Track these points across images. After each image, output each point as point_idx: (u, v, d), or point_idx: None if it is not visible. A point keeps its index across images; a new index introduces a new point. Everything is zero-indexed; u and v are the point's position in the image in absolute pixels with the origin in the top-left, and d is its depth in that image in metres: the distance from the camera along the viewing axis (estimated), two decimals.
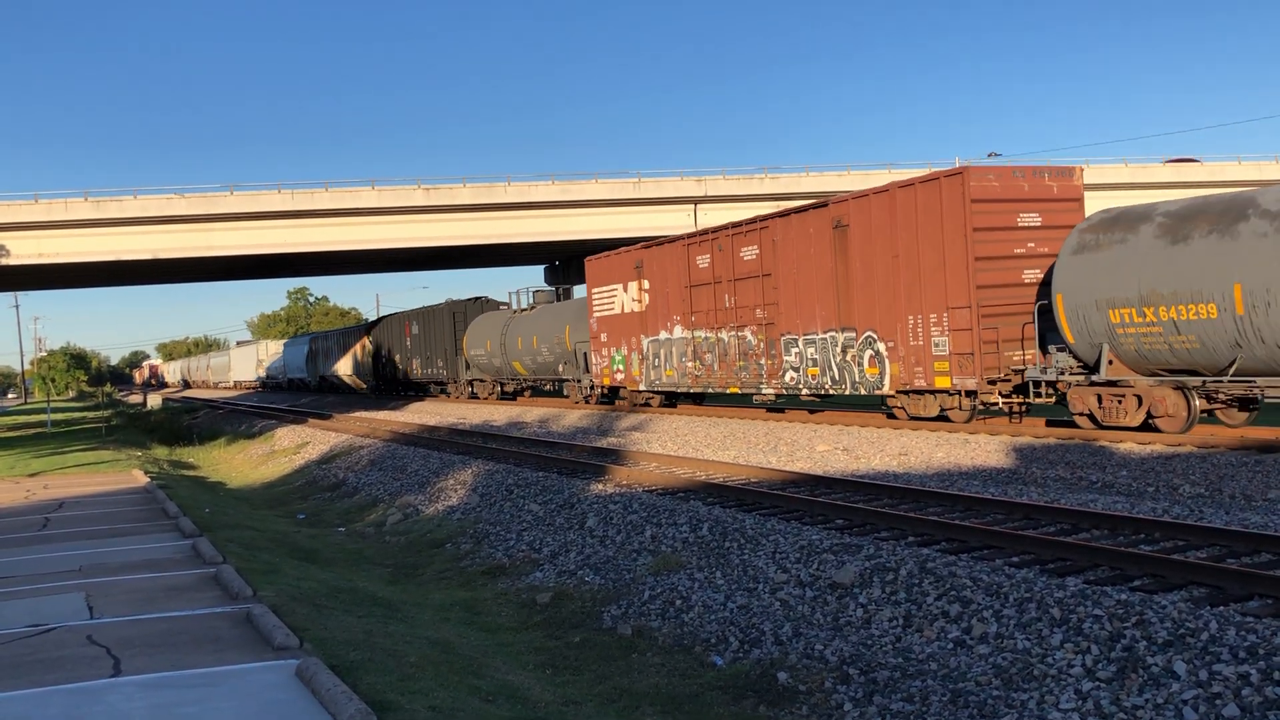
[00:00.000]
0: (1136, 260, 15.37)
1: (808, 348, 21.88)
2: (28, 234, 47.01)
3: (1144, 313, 15.29)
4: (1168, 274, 14.92)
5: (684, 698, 7.87)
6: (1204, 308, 14.55)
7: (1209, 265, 14.43)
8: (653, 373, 27.85)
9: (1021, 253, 18.41)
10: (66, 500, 17.79)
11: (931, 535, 10.54)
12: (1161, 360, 15.55)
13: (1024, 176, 18.68)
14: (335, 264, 65.18)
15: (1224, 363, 14.72)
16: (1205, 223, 14.72)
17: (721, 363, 24.71)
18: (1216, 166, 55.63)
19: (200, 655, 7.55)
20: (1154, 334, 15.35)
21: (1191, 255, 14.65)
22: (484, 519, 15.28)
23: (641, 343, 28.26)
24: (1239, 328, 14.23)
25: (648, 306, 27.80)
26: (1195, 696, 6.29)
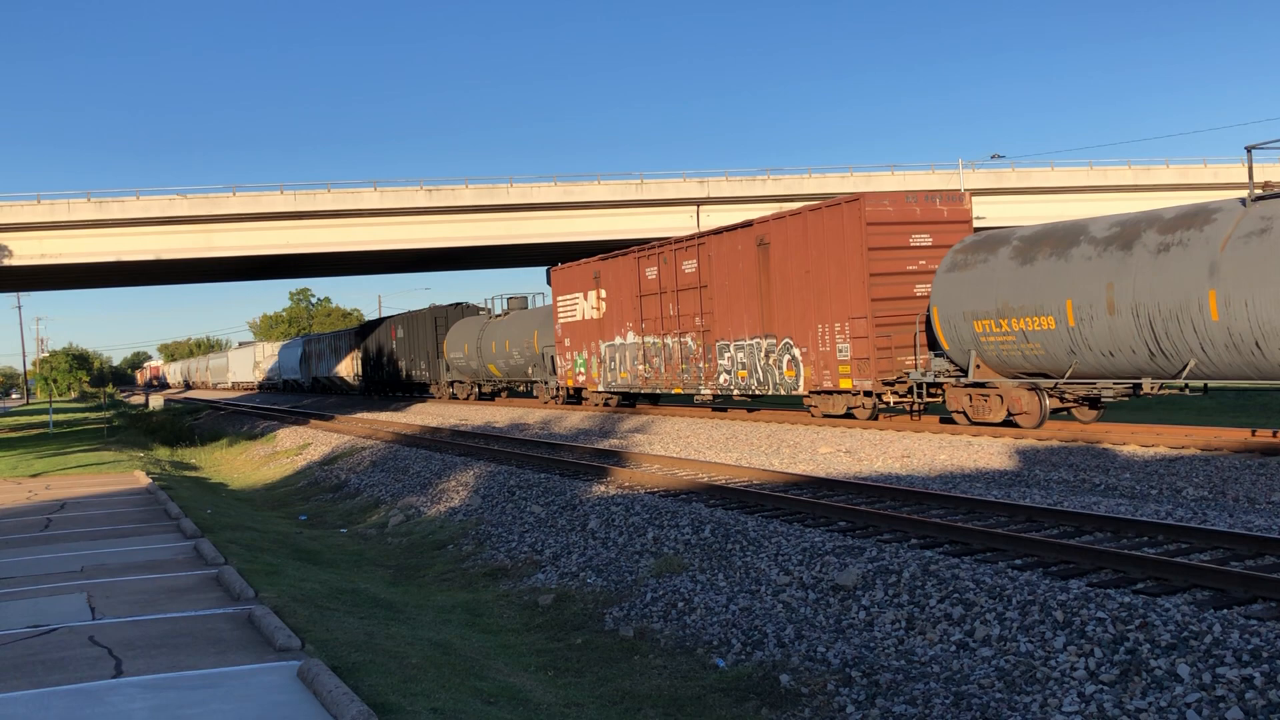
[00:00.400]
0: (995, 278, 17.58)
1: (738, 353, 24.16)
2: (30, 234, 47.07)
3: (1001, 324, 17.48)
4: (1019, 291, 17.13)
5: (686, 700, 7.85)
6: (1045, 320, 16.74)
7: (1049, 284, 16.60)
8: (609, 375, 29.97)
9: (913, 269, 20.50)
10: (68, 501, 17.79)
11: (934, 538, 10.53)
12: (1017, 365, 17.71)
13: (916, 201, 20.76)
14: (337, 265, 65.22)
15: (1064, 367, 16.86)
16: (1048, 247, 16.93)
17: (667, 366, 26.99)
18: (1221, 169, 55.57)
19: (202, 656, 7.55)
20: (1009, 342, 17.49)
21: (1036, 275, 16.87)
22: (486, 520, 15.27)
23: (600, 347, 30.33)
24: (1072, 337, 16.39)
25: (605, 314, 29.88)
26: (1199, 700, 6.28)
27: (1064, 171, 55.98)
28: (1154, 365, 15.64)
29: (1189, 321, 14.78)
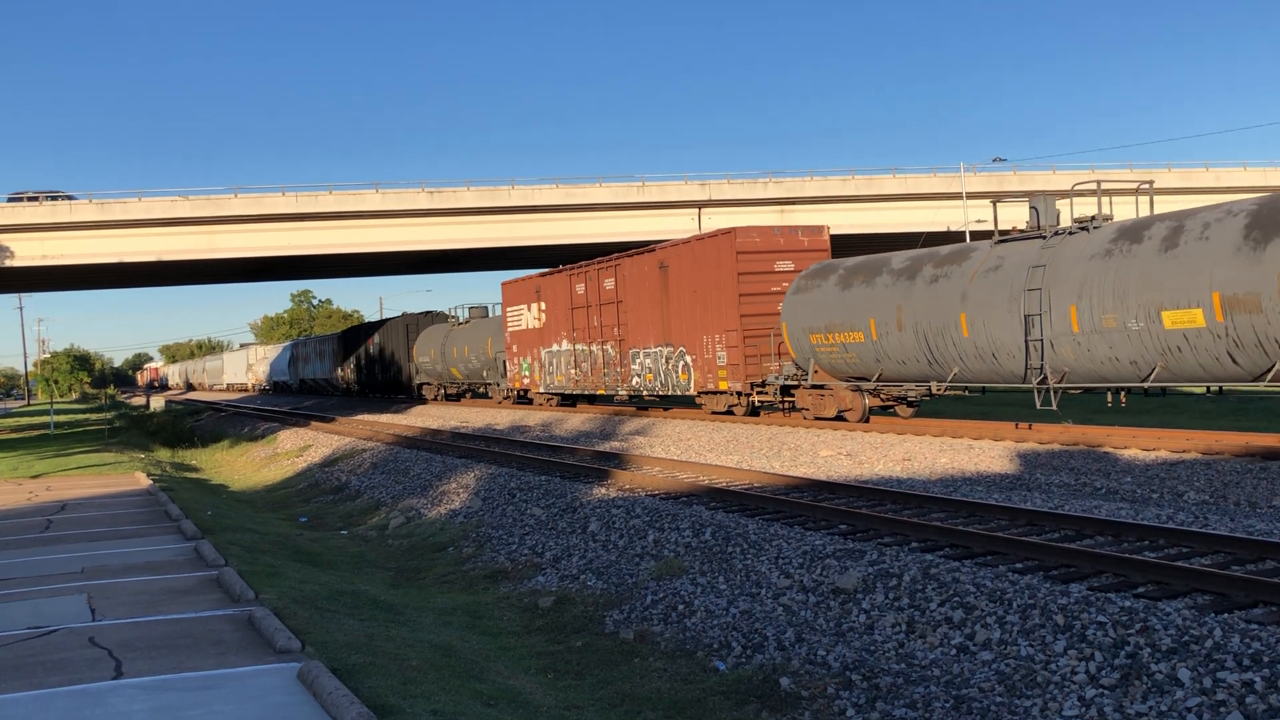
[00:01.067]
0: (825, 300, 21.46)
1: (646, 359, 27.81)
2: (32, 235, 47.10)
3: (829, 337, 21.27)
4: (840, 311, 20.96)
5: (686, 703, 7.85)
6: (857, 335, 20.54)
7: (859, 305, 20.43)
8: (549, 378, 33.60)
9: (777, 290, 24.05)
10: (69, 502, 17.80)
11: (935, 541, 10.52)
12: (843, 370, 21.55)
13: (781, 233, 24.89)
14: (339, 267, 65.25)
15: (874, 373, 20.69)
16: (861, 275, 20.84)
17: (593, 370, 30.44)
18: (1224, 172, 55.54)
19: (202, 658, 7.55)
20: (835, 352, 21.27)
21: (851, 298, 20.72)
22: (486, 523, 15.27)
23: (541, 353, 34.09)
24: (875, 349, 20.23)
25: (545, 324, 33.55)
26: (1199, 704, 6.27)
27: (1066, 175, 55.95)
28: (932, 371, 19.38)
29: (950, 337, 18.56)
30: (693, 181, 52.98)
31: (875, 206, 55.03)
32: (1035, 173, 55.93)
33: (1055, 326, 16.56)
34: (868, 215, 54.99)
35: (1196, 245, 14.71)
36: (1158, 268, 15.06)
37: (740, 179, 53.63)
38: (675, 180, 53.01)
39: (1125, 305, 15.45)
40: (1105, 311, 15.79)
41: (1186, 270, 14.64)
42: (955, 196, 53.72)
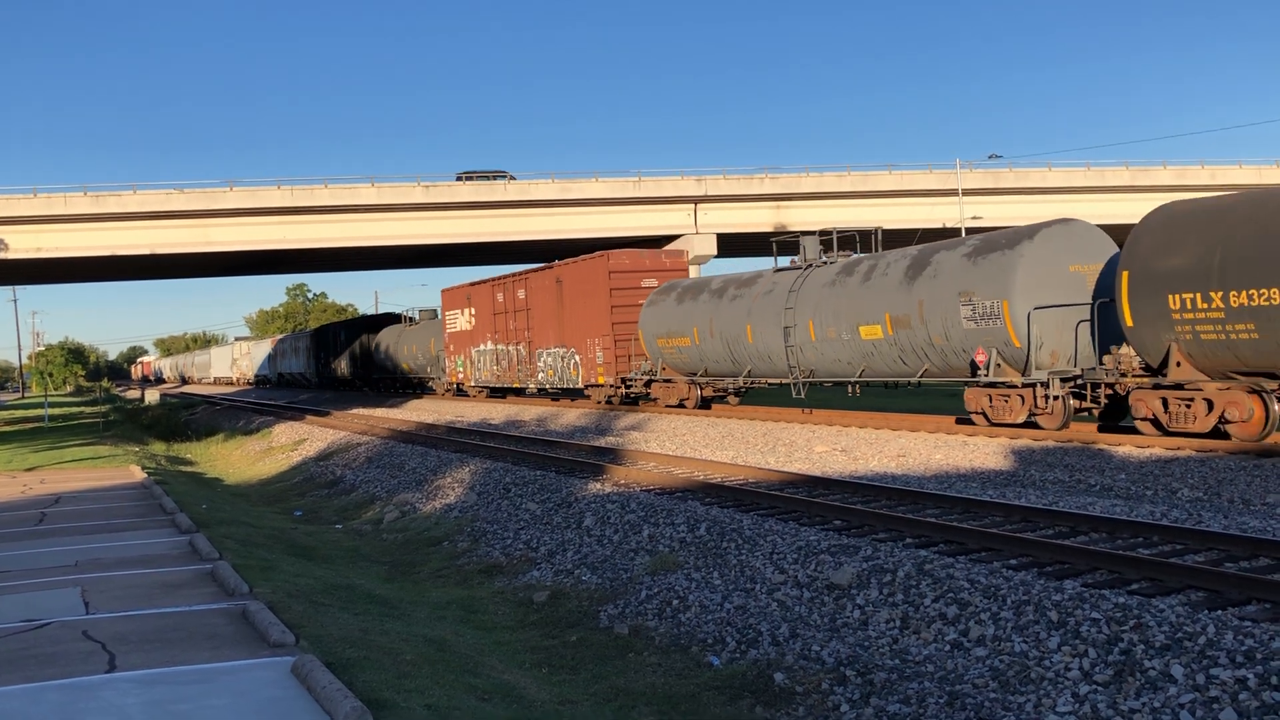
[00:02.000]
0: (666, 312, 27.26)
1: (548, 358, 33.17)
2: (26, 228, 46.95)
3: (670, 341, 27.08)
4: (676, 321, 26.77)
5: (680, 698, 7.85)
6: (685, 340, 26.42)
7: (687, 317, 26.34)
8: (478, 373, 38.93)
9: (642, 303, 28.99)
10: (63, 495, 17.76)
11: (929, 537, 10.53)
12: (681, 367, 27.33)
13: (648, 256, 30.75)
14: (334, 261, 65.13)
15: (701, 369, 26.59)
16: (690, 294, 26.67)
17: (510, 367, 35.98)
18: (1219, 170, 55.59)
19: (196, 651, 7.53)
20: (674, 353, 27.19)
21: (683, 311, 26.57)
22: (481, 517, 15.26)
23: (471, 352, 39.55)
24: (699, 351, 26.08)
25: (474, 326, 39.02)
26: (1192, 700, 6.29)
27: (1061, 172, 55.99)
28: (736, 368, 25.24)
29: (742, 343, 24.41)
30: (689, 177, 52.92)
31: (871, 203, 55.00)
32: (1031, 170, 55.93)
33: (801, 336, 22.41)
34: (864, 212, 54.97)
35: (880, 279, 20.36)
36: (859, 294, 20.80)
37: (736, 175, 53.59)
38: (671, 176, 52.95)
39: (840, 321, 21.21)
40: (829, 325, 21.50)
41: (873, 297, 20.38)
42: (951, 193, 53.72)
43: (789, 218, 55.10)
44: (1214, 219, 14.78)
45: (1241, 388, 14.71)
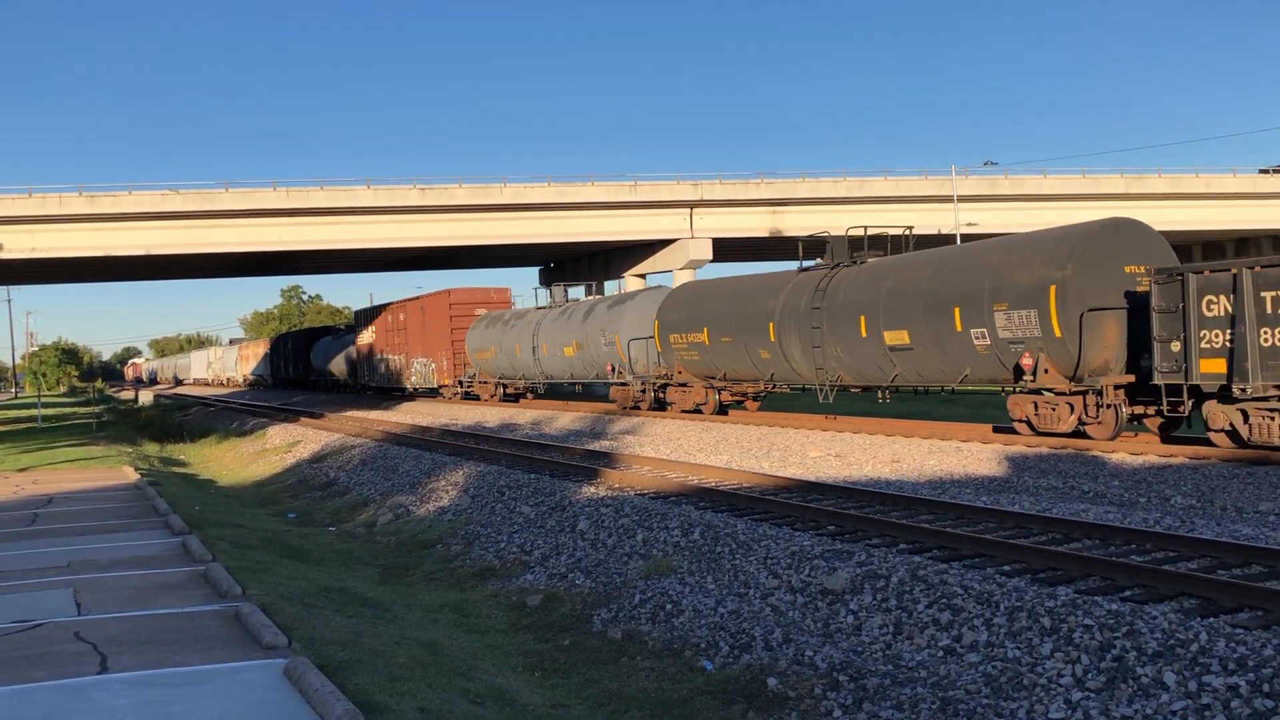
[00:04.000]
0: (480, 335, 38.89)
1: (417, 364, 43.66)
2: (21, 228, 46.83)
3: (480, 355, 38.66)
4: (484, 340, 38.29)
5: (673, 702, 7.85)
6: (490, 353, 37.63)
7: (490, 338, 37.82)
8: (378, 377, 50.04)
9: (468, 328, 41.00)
10: (56, 496, 17.72)
11: (923, 543, 10.54)
12: (492, 373, 38.85)
13: (480, 292, 43.25)
14: (330, 262, 65.03)
15: (501, 374, 38.11)
16: (493, 323, 38.17)
17: (395, 371, 46.51)
18: (1214, 178, 55.74)
19: (188, 653, 7.52)
20: (486, 361, 38.52)
21: (488, 334, 38.00)
22: (475, 520, 15.25)
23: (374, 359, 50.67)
24: (509, 360, 36.45)
25: (375, 340, 50.06)
26: (1184, 707, 6.30)
27: (1056, 179, 56.12)
28: (516, 373, 36.65)
29: (514, 355, 35.72)
30: (685, 181, 52.94)
31: (867, 209, 55.06)
32: (1026, 177, 56.05)
33: (540, 353, 34.12)
34: (859, 217, 54.99)
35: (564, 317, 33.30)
36: (566, 324, 32.83)
37: (732, 179, 53.61)
38: (667, 180, 52.96)
39: (557, 342, 33.03)
40: (555, 345, 33.17)
41: (573, 326, 32.17)
42: (946, 199, 53.81)
43: (785, 222, 55.16)
44: (688, 297, 27.55)
45: (702, 384, 26.80)
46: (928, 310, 18.91)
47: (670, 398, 27.87)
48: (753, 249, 63.00)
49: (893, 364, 20.04)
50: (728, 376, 25.50)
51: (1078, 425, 16.94)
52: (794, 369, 22.79)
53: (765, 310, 23.41)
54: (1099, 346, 16.50)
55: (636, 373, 28.93)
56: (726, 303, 25.02)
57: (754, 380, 24.99)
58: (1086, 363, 16.51)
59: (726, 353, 24.87)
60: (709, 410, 26.18)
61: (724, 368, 25.35)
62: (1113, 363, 16.58)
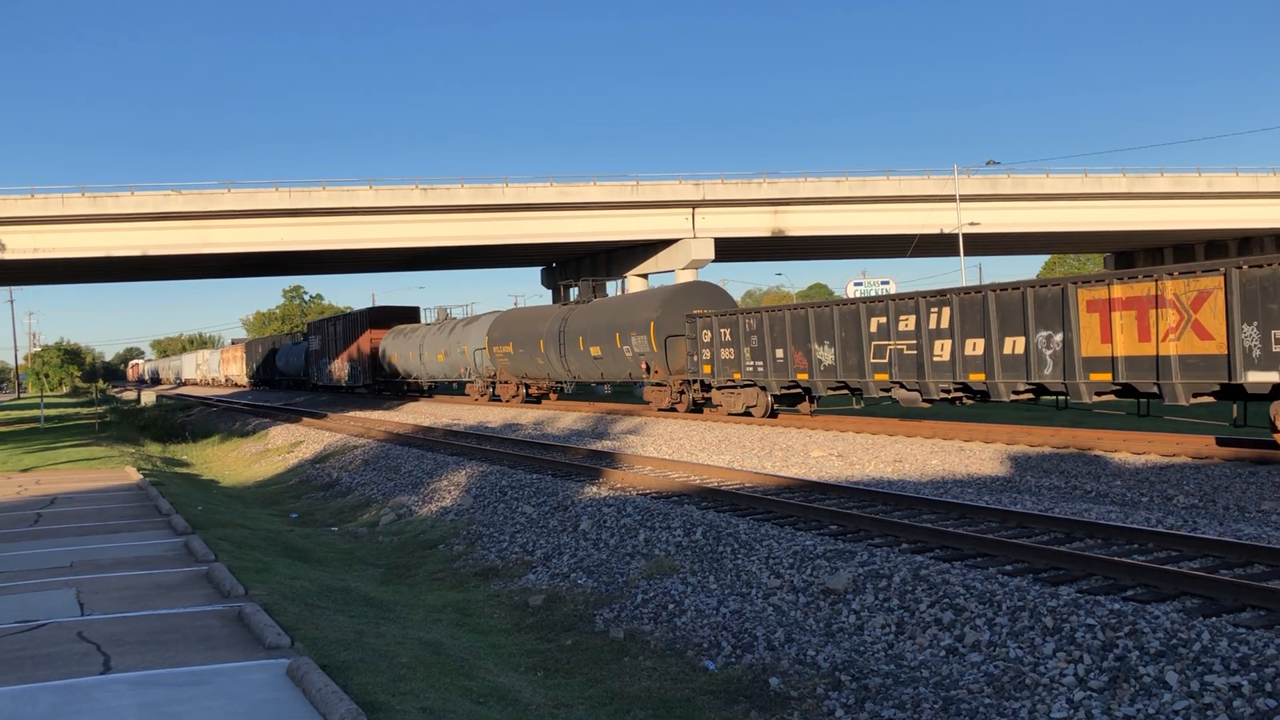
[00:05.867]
0: (395, 343, 49.00)
1: (349, 365, 53.50)
2: (23, 228, 46.87)
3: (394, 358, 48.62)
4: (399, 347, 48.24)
5: (675, 702, 7.85)
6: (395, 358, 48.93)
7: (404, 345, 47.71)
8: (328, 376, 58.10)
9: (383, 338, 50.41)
10: (59, 496, 17.74)
11: (925, 542, 10.54)
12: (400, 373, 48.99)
13: (393, 309, 53.36)
14: (332, 263, 65.02)
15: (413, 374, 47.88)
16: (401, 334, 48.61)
17: (333, 371, 56.06)
18: (1216, 177, 55.67)
19: (191, 653, 7.53)
20: (396, 363, 48.59)
21: (404, 342, 47.39)
22: (477, 520, 15.25)
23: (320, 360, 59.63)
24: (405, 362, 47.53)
25: (321, 346, 59.47)
26: (1187, 707, 6.30)
27: (1059, 179, 56.03)
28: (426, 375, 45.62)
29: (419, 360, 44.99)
30: (686, 181, 52.91)
31: (869, 208, 55.02)
32: (1029, 176, 55.97)
33: (424, 358, 43.84)
34: (862, 217, 55.01)
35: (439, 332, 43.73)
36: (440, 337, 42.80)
37: (734, 179, 53.55)
38: (669, 180, 52.93)
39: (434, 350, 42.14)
40: (429, 351, 43.05)
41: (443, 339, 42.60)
42: (949, 199, 53.76)
43: (787, 222, 55.12)
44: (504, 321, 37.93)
45: (516, 381, 37.65)
46: (607, 335, 30.40)
47: (499, 391, 39.38)
48: (755, 249, 62.99)
49: (596, 368, 31.69)
50: (527, 376, 37.17)
51: (670, 404, 28.40)
52: (553, 371, 34.68)
53: (539, 332, 34.85)
54: (676, 356, 27.98)
55: (479, 374, 40.15)
56: (522, 325, 36.50)
57: (541, 379, 36.47)
58: (670, 367, 28.09)
59: (523, 360, 36.33)
60: (519, 400, 37.71)
61: (524, 370, 36.92)
62: (685, 367, 27.61)
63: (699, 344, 26.05)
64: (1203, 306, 14.95)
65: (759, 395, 24.63)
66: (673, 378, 27.67)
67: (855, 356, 21.29)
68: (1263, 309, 14.09)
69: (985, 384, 18.19)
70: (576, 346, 31.89)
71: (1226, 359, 14.47)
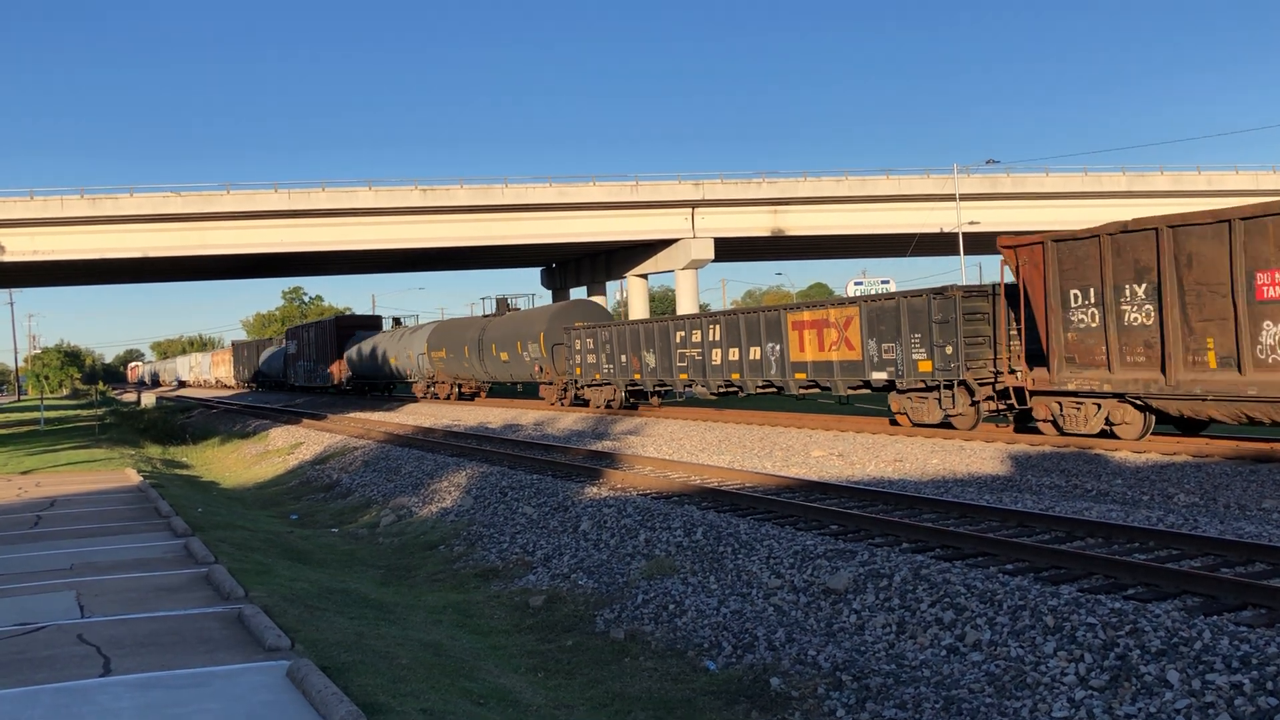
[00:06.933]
0: (354, 349, 52.84)
1: (319, 368, 57.64)
2: (23, 230, 46.87)
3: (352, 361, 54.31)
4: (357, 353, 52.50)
5: (676, 702, 7.84)
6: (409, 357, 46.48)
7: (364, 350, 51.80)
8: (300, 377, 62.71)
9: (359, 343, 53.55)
10: (58, 498, 17.74)
11: (925, 542, 10.53)
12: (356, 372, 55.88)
13: (359, 317, 61.19)
14: (332, 264, 65.00)
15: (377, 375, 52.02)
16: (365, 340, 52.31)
17: (306, 373, 59.98)
18: (1215, 176, 55.71)
19: (191, 655, 7.52)
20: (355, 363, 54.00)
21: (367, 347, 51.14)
22: (477, 521, 15.25)
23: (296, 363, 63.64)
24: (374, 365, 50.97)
25: (297, 351, 63.13)
26: (1188, 706, 6.29)
27: (1059, 177, 56.04)
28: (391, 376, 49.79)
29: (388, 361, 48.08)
30: (686, 181, 52.89)
31: (869, 208, 55.01)
32: (1028, 175, 55.98)
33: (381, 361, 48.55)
34: (861, 216, 55.01)
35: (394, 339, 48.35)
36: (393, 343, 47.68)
37: (734, 179, 53.57)
38: (669, 180, 52.91)
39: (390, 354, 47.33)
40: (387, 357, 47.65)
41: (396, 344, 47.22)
42: (949, 198, 53.76)
43: (786, 222, 55.09)
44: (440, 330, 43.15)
45: (450, 382, 43.41)
46: (512, 344, 36.32)
47: (436, 390, 44.44)
48: (754, 249, 62.93)
49: (505, 370, 37.41)
50: (458, 377, 42.40)
51: (557, 400, 34.06)
52: (475, 373, 39.93)
53: (465, 339, 40.11)
54: (560, 361, 33.68)
55: (422, 375, 45.18)
56: (453, 334, 41.69)
57: (469, 379, 41.82)
58: (556, 369, 33.82)
59: (453, 363, 41.47)
60: (454, 398, 42.99)
61: (454, 372, 42.16)
62: (577, 371, 32.31)
63: (572, 351, 32.50)
64: (849, 327, 21.61)
65: (615, 391, 30.71)
66: (559, 378, 33.88)
67: (667, 361, 27.96)
68: (877, 331, 20.91)
69: (740, 381, 25.20)
70: (491, 352, 38.06)
71: (862, 363, 21.30)
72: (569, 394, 33.42)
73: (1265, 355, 13.98)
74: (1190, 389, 14.81)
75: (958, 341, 18.89)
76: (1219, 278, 14.44)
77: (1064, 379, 16.68)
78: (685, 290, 56.27)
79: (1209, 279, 14.58)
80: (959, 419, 19.40)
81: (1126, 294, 15.71)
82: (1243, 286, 14.15)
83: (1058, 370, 16.81)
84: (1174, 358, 15.03)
